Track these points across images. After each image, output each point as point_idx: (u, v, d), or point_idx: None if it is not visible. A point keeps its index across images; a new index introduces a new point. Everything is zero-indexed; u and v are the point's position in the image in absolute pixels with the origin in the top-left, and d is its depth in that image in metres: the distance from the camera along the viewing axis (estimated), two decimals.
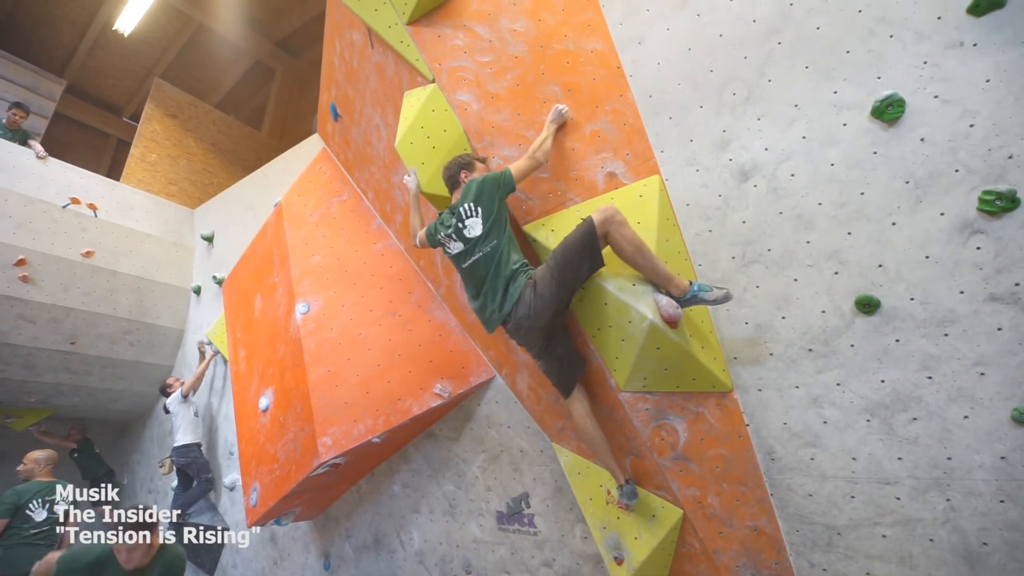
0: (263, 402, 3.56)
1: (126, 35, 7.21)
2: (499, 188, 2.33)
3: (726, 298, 2.02)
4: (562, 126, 2.51)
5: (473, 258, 2.35)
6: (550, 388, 2.71)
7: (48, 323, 5.24)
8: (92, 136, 10.18)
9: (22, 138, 5.69)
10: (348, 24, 3.37)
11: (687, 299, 2.05)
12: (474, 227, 2.33)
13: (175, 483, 5.26)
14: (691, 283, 2.06)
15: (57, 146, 6.93)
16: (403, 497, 3.61)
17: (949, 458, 1.79)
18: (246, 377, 3.96)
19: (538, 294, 2.18)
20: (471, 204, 2.33)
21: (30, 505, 3.62)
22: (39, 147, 5.52)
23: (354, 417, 3.03)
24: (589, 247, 2.13)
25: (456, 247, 2.40)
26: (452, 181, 2.53)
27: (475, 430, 3.25)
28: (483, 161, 2.60)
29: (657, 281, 2.12)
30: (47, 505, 3.67)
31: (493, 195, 2.32)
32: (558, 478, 2.84)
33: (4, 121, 5.68)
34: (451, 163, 2.53)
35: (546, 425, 2.87)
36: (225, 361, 5.18)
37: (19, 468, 3.82)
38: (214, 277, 5.73)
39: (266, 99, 9.74)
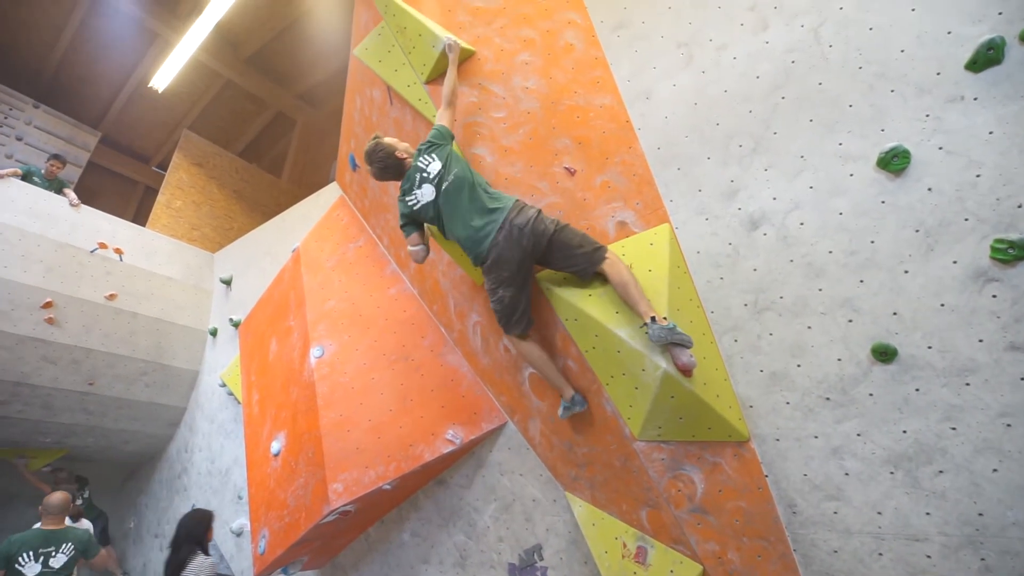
0: (275, 446, 3.54)
1: (160, 91, 7.64)
2: (442, 138, 2.56)
3: (690, 342, 2.04)
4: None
5: (444, 188, 2.46)
6: (563, 435, 2.68)
7: (69, 364, 5.32)
8: (121, 183, 10.62)
9: (58, 187, 6.00)
10: (369, 82, 3.56)
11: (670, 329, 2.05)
12: (434, 168, 2.50)
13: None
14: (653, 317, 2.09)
15: (88, 192, 7.22)
16: (412, 547, 3.51)
17: (980, 514, 1.72)
18: (259, 420, 3.96)
19: (539, 219, 2.31)
20: (425, 156, 2.53)
21: (20, 558, 3.28)
22: (73, 195, 5.79)
23: (365, 463, 3.00)
24: (591, 246, 2.30)
25: (424, 193, 2.52)
26: (391, 164, 2.62)
27: (487, 477, 3.19)
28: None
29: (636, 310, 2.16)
30: (42, 558, 3.33)
31: (442, 146, 2.54)
32: (572, 529, 2.76)
33: (43, 171, 6.01)
34: (378, 155, 2.60)
35: (559, 473, 2.82)
36: (238, 402, 5.18)
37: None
38: (231, 320, 5.82)
39: (287, 148, 10.15)
